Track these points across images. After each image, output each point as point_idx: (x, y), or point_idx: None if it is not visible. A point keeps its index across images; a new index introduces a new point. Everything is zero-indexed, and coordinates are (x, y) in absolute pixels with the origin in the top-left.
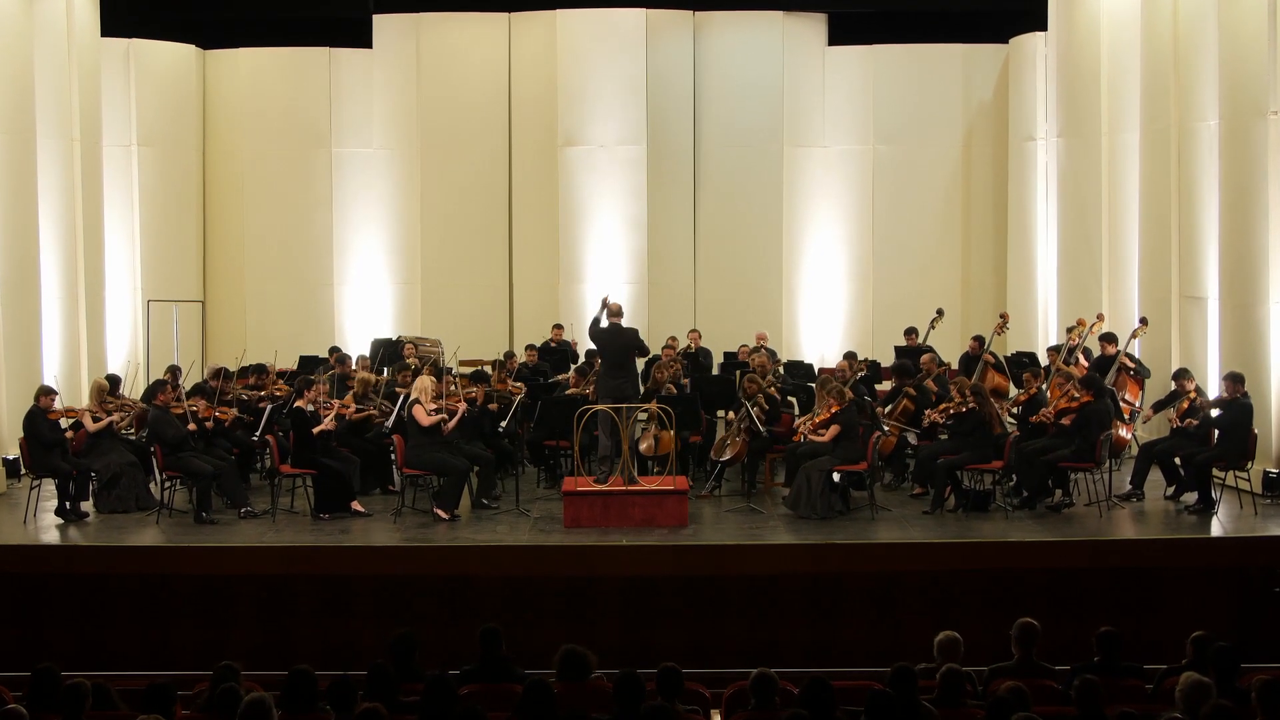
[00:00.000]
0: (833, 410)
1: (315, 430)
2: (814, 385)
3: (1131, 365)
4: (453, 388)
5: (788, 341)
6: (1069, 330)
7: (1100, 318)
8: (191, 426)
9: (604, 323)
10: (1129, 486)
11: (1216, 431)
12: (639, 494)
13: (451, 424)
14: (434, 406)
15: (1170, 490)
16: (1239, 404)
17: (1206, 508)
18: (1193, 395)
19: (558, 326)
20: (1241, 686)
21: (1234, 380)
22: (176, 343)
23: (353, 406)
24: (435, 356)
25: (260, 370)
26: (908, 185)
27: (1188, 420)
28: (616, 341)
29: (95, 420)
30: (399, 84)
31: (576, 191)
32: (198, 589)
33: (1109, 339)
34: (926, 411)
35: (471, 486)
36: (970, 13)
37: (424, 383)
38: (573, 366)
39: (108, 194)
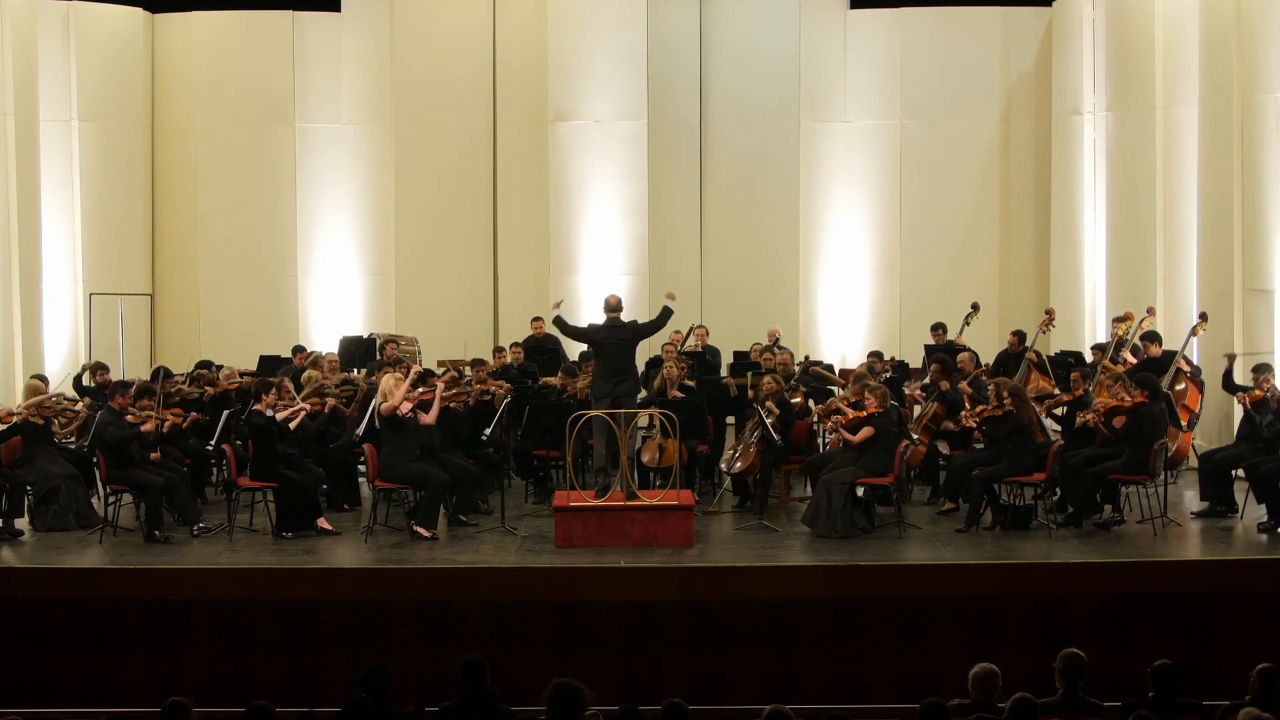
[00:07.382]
0: (870, 411)
1: (279, 417)
2: (850, 378)
3: (1188, 368)
4: (428, 377)
5: (805, 339)
6: (1116, 321)
7: (1150, 312)
8: (149, 426)
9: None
10: (1205, 504)
11: None
12: (639, 510)
13: (431, 414)
14: (409, 392)
15: (1204, 505)
16: None
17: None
18: (1268, 389)
19: (537, 320)
20: None
21: None
22: (122, 340)
23: (330, 401)
24: (409, 357)
25: (204, 367)
26: (939, 164)
27: (1257, 398)
28: (614, 338)
29: (53, 420)
30: (371, 51)
31: (569, 172)
32: (146, 616)
33: (1152, 338)
34: (961, 415)
35: (449, 500)
36: None
37: (388, 382)
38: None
39: (45, 174)
